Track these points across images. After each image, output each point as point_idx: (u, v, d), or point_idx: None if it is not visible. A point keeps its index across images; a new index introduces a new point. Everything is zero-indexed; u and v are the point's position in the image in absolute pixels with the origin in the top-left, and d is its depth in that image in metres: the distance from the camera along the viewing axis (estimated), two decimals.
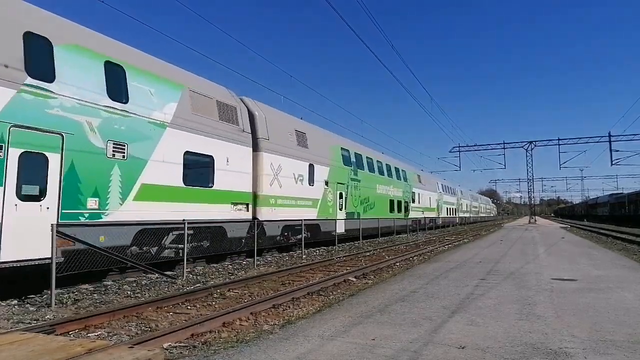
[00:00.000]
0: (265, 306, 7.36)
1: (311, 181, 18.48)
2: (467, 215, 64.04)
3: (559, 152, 55.21)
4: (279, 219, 15.94)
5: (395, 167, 31.00)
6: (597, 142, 49.24)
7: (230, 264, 13.68)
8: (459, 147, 54.25)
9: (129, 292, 8.90)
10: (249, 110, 15.22)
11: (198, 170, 12.36)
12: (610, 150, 47.09)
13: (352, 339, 5.20)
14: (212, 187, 12.73)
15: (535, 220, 62.02)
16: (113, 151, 9.83)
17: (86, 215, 9.21)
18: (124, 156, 10.03)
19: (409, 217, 32.46)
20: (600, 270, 11.26)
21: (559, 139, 51.27)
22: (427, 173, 44.26)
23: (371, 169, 25.79)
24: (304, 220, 16.74)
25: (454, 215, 53.16)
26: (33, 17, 8.84)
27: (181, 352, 4.97)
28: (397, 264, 13.83)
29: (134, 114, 10.40)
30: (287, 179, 16.58)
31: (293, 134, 17.55)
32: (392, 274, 11.40)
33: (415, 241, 24.43)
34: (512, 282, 9.39)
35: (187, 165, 11.76)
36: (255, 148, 14.92)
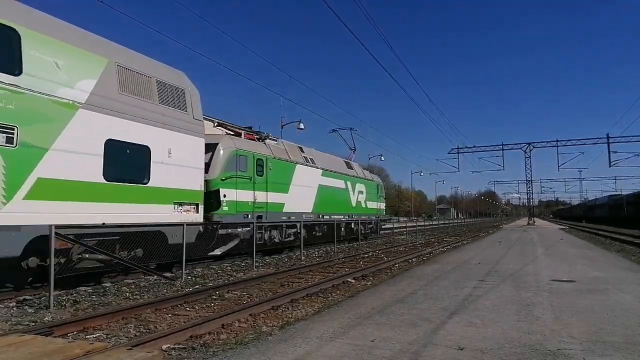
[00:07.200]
0: (264, 308, 7.36)
1: None
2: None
3: (558, 154, 52.11)
4: None
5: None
6: (596, 143, 49.43)
7: (230, 266, 13.68)
8: (458, 148, 54.39)
9: (127, 294, 8.88)
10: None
11: None
12: (609, 151, 47.28)
13: (351, 340, 5.20)
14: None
15: (534, 222, 62.16)
16: None
17: None
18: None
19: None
20: (598, 272, 11.28)
21: (557, 141, 51.38)
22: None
23: None
24: None
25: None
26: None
27: (180, 354, 4.96)
28: (397, 265, 13.84)
29: None
30: None
31: None
32: (391, 275, 11.41)
33: (414, 243, 24.45)
34: (510, 284, 9.41)
35: None
36: None
